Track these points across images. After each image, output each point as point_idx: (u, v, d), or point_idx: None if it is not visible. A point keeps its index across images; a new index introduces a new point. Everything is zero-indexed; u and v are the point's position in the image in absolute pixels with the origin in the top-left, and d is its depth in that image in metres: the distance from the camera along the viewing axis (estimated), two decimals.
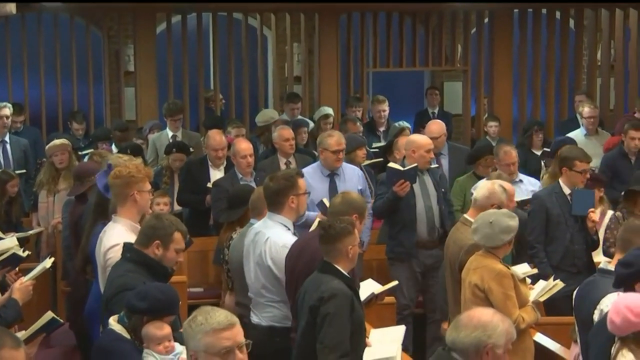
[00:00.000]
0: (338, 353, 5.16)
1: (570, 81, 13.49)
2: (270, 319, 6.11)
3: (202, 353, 3.73)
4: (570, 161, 7.79)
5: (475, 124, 13.27)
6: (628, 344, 4.53)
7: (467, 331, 4.08)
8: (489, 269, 6.13)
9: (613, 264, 5.31)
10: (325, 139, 8.54)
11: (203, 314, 3.80)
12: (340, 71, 12.86)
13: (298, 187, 6.16)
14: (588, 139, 10.79)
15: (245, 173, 8.63)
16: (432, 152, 8.35)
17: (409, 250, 8.14)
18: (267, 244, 6.09)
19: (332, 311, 5.20)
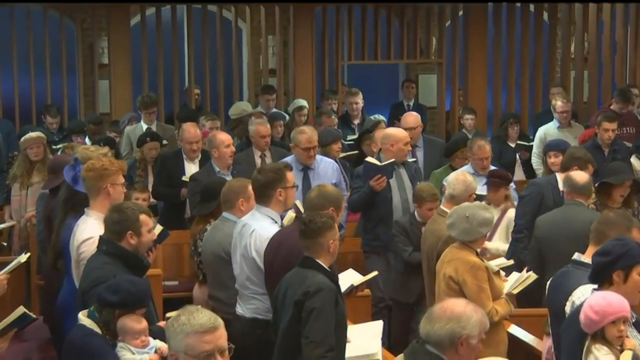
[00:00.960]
0: (324, 348, 5.16)
1: (544, 74, 13.54)
2: (253, 310, 6.11)
3: (182, 354, 3.69)
4: (584, 163, 7.79)
5: (450, 116, 13.30)
6: (598, 340, 4.56)
7: (441, 323, 4.09)
8: (464, 261, 6.16)
9: (587, 255, 5.33)
10: (297, 136, 8.54)
11: (187, 314, 3.75)
12: (315, 64, 12.84)
13: (286, 180, 6.15)
14: (561, 131, 10.83)
15: (225, 165, 8.58)
16: (408, 145, 8.36)
17: (384, 244, 8.16)
18: (253, 236, 6.09)
19: (318, 306, 5.19)
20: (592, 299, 4.60)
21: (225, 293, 6.50)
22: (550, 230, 6.99)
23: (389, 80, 15.16)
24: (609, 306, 4.54)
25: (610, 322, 4.53)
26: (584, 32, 13.62)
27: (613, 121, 9.68)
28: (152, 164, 9.70)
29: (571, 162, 7.86)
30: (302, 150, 8.44)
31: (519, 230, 7.80)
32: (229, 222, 6.61)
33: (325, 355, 5.14)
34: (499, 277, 6.35)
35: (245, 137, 10.17)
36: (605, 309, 4.53)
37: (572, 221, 6.82)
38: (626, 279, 4.79)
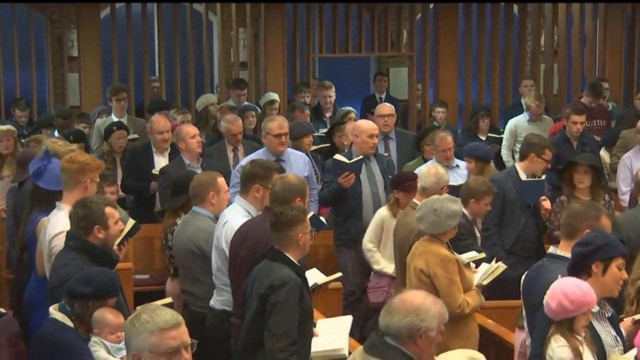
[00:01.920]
0: (286, 341, 5.16)
1: (515, 67, 13.59)
2: (223, 302, 6.11)
3: (146, 352, 3.62)
4: (542, 149, 7.87)
5: (420, 109, 13.33)
6: (562, 329, 4.57)
7: (400, 316, 4.07)
8: (434, 254, 6.18)
9: (561, 248, 5.35)
10: (267, 123, 8.54)
11: (148, 312, 3.70)
12: (286, 57, 12.82)
13: (269, 180, 6.10)
14: (532, 124, 10.88)
15: (194, 157, 8.55)
16: (375, 137, 8.33)
17: (355, 237, 8.17)
18: (224, 227, 6.09)
19: (282, 299, 5.19)
20: (566, 287, 4.58)
21: (198, 287, 6.48)
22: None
23: (361, 73, 15.18)
24: (584, 296, 4.56)
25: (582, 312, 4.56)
26: (554, 26, 13.68)
27: (581, 114, 9.73)
28: (121, 157, 9.66)
29: (528, 150, 7.93)
30: (274, 137, 8.40)
31: (486, 228, 7.83)
32: (199, 215, 6.59)
33: (287, 348, 5.15)
34: (469, 269, 6.38)
35: (217, 131, 10.15)
36: (581, 299, 4.55)
37: None
38: (605, 270, 4.80)
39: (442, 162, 8.58)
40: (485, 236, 7.84)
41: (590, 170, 7.70)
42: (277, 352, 5.15)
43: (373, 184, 8.26)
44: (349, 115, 10.57)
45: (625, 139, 10.08)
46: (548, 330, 4.62)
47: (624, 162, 9.40)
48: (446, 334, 6.02)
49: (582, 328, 4.58)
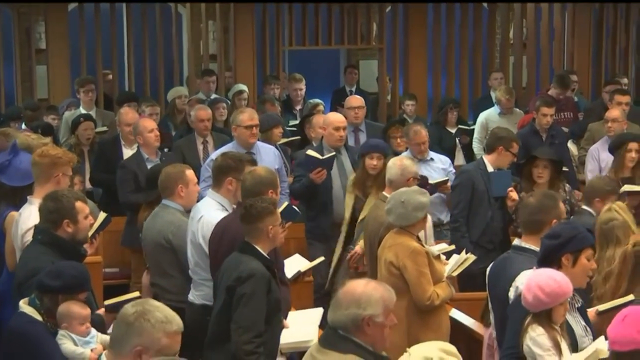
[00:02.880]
0: (252, 334, 5.17)
1: (484, 59, 13.64)
2: (202, 297, 6.11)
3: (153, 352, 3.59)
4: (509, 142, 7.89)
5: (390, 102, 13.34)
6: (540, 319, 4.61)
7: (342, 308, 4.06)
8: (404, 246, 6.19)
9: (526, 241, 5.38)
10: (237, 116, 8.52)
11: (159, 310, 3.66)
12: (256, 49, 12.79)
13: (242, 172, 6.09)
14: (502, 117, 10.94)
15: (152, 151, 8.50)
16: (342, 130, 8.31)
17: (326, 232, 8.18)
18: (200, 222, 6.08)
19: (249, 292, 5.20)
20: (541, 280, 4.60)
21: (167, 280, 6.47)
22: None
23: (330, 66, 15.16)
24: (559, 288, 4.58)
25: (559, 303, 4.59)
26: (523, 18, 13.74)
27: (551, 107, 9.78)
28: (88, 149, 9.62)
29: (496, 143, 7.95)
30: (245, 129, 8.37)
31: (455, 220, 7.87)
32: (168, 209, 6.57)
33: (253, 340, 5.16)
34: (439, 261, 6.39)
35: (186, 124, 10.12)
36: (556, 291, 4.57)
37: None
38: (575, 262, 4.84)
39: (416, 155, 8.59)
40: (453, 228, 7.89)
41: (550, 164, 7.73)
42: (243, 344, 5.16)
43: (344, 177, 8.26)
44: (318, 108, 10.58)
45: (593, 131, 10.14)
46: (523, 321, 4.64)
47: (591, 153, 9.46)
48: (417, 326, 6.12)
49: (560, 318, 4.61)
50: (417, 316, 6.14)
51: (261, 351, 5.18)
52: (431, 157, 8.77)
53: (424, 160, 8.63)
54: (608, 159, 8.52)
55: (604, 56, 13.81)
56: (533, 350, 4.58)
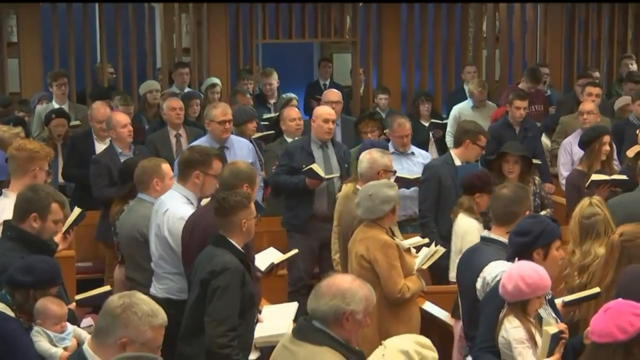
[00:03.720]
0: (225, 327, 5.17)
1: (457, 53, 13.68)
2: (166, 290, 6.09)
3: (138, 344, 3.62)
4: (476, 135, 7.91)
5: (363, 95, 13.36)
6: (515, 311, 4.63)
7: (326, 299, 4.09)
8: (375, 239, 6.20)
9: (495, 232, 5.41)
10: (211, 111, 8.50)
11: (147, 303, 3.69)
12: (229, 43, 12.77)
13: (210, 166, 6.09)
14: (476, 110, 10.97)
15: (125, 144, 8.48)
16: (331, 123, 8.29)
17: (304, 223, 8.18)
18: (166, 215, 6.06)
19: (223, 285, 5.20)
20: (523, 270, 4.63)
21: (141, 274, 6.46)
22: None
23: (304, 59, 15.15)
24: (541, 280, 4.62)
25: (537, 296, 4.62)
26: (496, 12, 13.79)
27: (524, 100, 9.82)
28: (61, 143, 9.57)
29: (463, 136, 7.98)
30: (218, 124, 8.37)
31: (423, 215, 7.89)
32: (144, 202, 6.56)
33: (227, 334, 5.16)
34: (410, 254, 6.41)
35: (159, 118, 10.09)
36: (538, 283, 4.61)
37: None
38: (546, 255, 4.88)
39: (398, 147, 8.60)
40: (421, 224, 7.90)
41: (521, 160, 7.76)
42: (217, 338, 5.17)
43: (329, 171, 8.24)
44: (291, 103, 10.57)
45: (565, 124, 10.20)
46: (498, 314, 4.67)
47: (564, 147, 9.50)
48: (387, 318, 6.14)
49: (534, 311, 4.65)
50: (387, 309, 6.15)
51: (235, 344, 5.19)
52: (412, 151, 8.78)
53: (405, 154, 8.64)
54: (580, 152, 8.56)
55: (576, 50, 13.89)
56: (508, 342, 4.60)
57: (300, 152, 8.21)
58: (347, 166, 8.34)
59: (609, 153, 8.19)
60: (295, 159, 8.18)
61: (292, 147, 8.43)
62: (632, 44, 14.14)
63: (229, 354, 5.18)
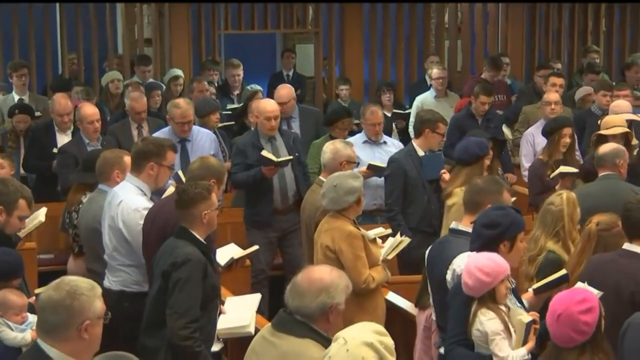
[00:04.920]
0: (187, 319, 5.15)
1: (420, 44, 13.71)
2: (120, 283, 6.07)
3: (96, 319, 3.64)
4: (434, 123, 7.94)
5: (326, 86, 13.36)
6: (486, 303, 4.65)
7: (312, 297, 4.11)
8: (340, 230, 6.21)
9: (464, 223, 5.43)
10: (172, 109, 8.45)
11: (80, 281, 3.69)
12: (192, 33, 12.70)
13: (164, 157, 6.07)
14: (438, 100, 11.02)
15: (91, 138, 8.44)
16: (274, 120, 8.21)
17: (265, 219, 8.16)
18: (120, 206, 6.02)
19: (184, 277, 5.18)
20: (479, 262, 4.66)
21: (102, 265, 6.41)
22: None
23: (267, 50, 15.12)
24: (498, 266, 4.65)
25: (500, 281, 4.64)
26: (457, 3, 13.83)
27: (490, 96, 9.89)
28: (24, 135, 9.50)
29: (422, 126, 8.02)
30: (176, 124, 8.37)
31: (390, 209, 7.90)
32: (104, 194, 6.50)
33: (188, 326, 5.15)
34: (375, 244, 6.42)
35: (121, 108, 10.03)
36: (495, 269, 4.64)
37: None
38: (512, 247, 4.92)
39: (370, 136, 8.60)
40: (389, 217, 7.91)
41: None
42: (179, 330, 5.15)
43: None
44: (257, 96, 10.52)
45: (527, 114, 10.26)
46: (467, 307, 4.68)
47: (526, 137, 9.56)
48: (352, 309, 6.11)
49: (503, 297, 4.67)
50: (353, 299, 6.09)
51: (197, 336, 5.17)
52: (384, 140, 8.79)
53: (378, 143, 8.65)
54: (543, 142, 8.61)
55: (537, 40, 13.96)
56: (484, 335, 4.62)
57: (252, 148, 8.17)
58: (298, 155, 8.32)
59: (571, 143, 8.25)
60: (249, 156, 8.15)
61: (242, 144, 8.38)
62: (593, 35, 14.26)
63: (191, 345, 5.16)
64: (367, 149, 8.62)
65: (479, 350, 4.66)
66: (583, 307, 4.19)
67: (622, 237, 5.36)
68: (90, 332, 3.60)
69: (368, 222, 7.78)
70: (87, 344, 3.60)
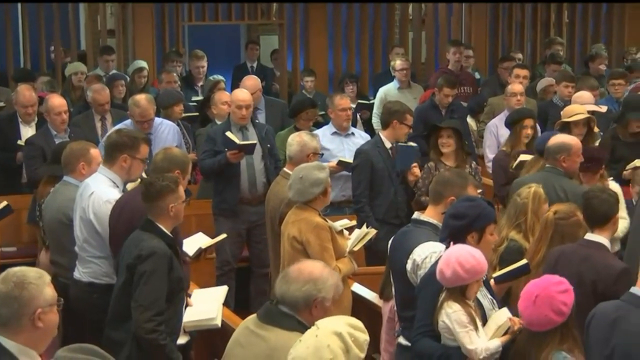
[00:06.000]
0: (152, 312, 5.14)
1: (384, 35, 13.73)
2: (90, 274, 6.05)
3: (47, 307, 3.62)
4: (403, 114, 7.96)
5: (291, 78, 13.34)
6: (454, 295, 4.64)
7: (298, 285, 4.14)
8: (307, 221, 6.22)
9: (427, 214, 5.45)
10: (132, 107, 8.40)
11: (26, 270, 3.67)
12: (155, 25, 12.63)
13: (137, 150, 6.06)
14: (401, 92, 11.04)
15: (59, 130, 8.39)
16: (244, 109, 8.21)
17: (232, 207, 8.15)
18: (91, 198, 6.00)
19: (149, 269, 5.16)
20: (461, 256, 4.62)
21: (67, 258, 6.38)
22: None
23: (231, 42, 15.08)
24: (479, 265, 4.61)
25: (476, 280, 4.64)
26: None
27: (454, 87, 9.93)
28: None
29: (390, 117, 8.05)
30: (136, 122, 8.33)
31: (357, 201, 7.91)
32: (70, 185, 6.48)
33: (153, 319, 5.13)
34: (342, 236, 6.43)
35: (84, 100, 9.97)
36: (475, 267, 4.60)
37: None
38: (480, 239, 4.89)
39: (340, 124, 8.59)
40: (356, 209, 7.92)
41: (454, 134, 7.84)
42: (144, 323, 5.13)
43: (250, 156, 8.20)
44: (219, 86, 10.50)
45: (493, 105, 10.32)
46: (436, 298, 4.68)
47: (489, 129, 9.62)
48: None
49: (473, 295, 4.66)
50: None
51: (162, 329, 5.16)
52: (352, 131, 8.80)
53: (346, 135, 8.66)
54: (506, 134, 8.67)
55: (501, 32, 14.03)
56: (450, 327, 4.62)
57: (222, 136, 8.16)
58: (270, 147, 8.31)
59: (534, 134, 8.30)
60: (218, 143, 8.13)
61: (213, 132, 8.38)
62: (555, 27, 14.35)
63: (156, 338, 5.14)
64: (336, 140, 8.63)
65: (445, 342, 4.67)
66: (561, 288, 4.24)
67: (579, 227, 5.42)
68: (44, 320, 3.60)
69: (337, 214, 7.80)
70: (42, 332, 3.61)
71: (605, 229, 5.28)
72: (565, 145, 6.84)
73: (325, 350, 3.50)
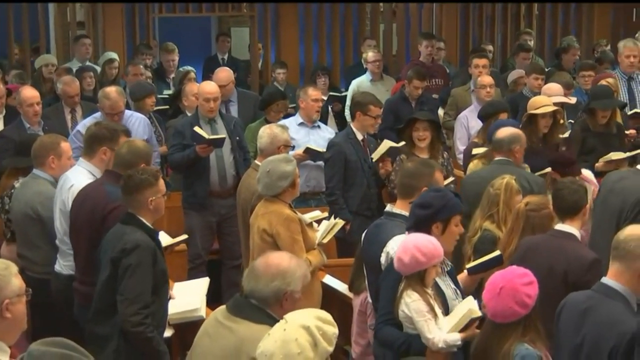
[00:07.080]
0: (138, 305, 5.11)
1: (355, 27, 13.73)
2: (70, 267, 6.03)
3: (16, 297, 3.62)
4: (365, 106, 7.95)
5: (262, 70, 13.32)
6: (413, 284, 4.68)
7: (266, 280, 4.13)
8: (277, 214, 6.21)
9: (398, 206, 5.46)
10: (102, 99, 8.30)
11: None
12: (125, 17, 12.56)
13: (116, 142, 6.05)
14: (374, 84, 11.04)
15: (32, 122, 8.31)
16: (212, 102, 8.16)
17: (202, 201, 8.12)
18: (71, 191, 5.99)
19: (134, 263, 5.13)
20: (419, 241, 4.69)
21: (34, 252, 6.36)
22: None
23: (201, 34, 15.03)
24: (435, 250, 4.69)
25: (433, 265, 4.68)
26: None
27: (424, 80, 9.95)
28: None
29: (354, 109, 8.06)
30: (106, 114, 8.28)
31: (330, 193, 7.90)
32: (38, 179, 6.44)
33: (140, 312, 5.11)
34: (312, 229, 6.44)
35: (53, 93, 9.90)
36: (433, 252, 4.68)
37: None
38: (444, 230, 4.93)
39: (310, 115, 8.58)
40: (330, 201, 7.91)
41: (430, 127, 7.82)
42: (130, 316, 5.11)
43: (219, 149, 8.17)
44: (189, 76, 10.46)
45: (456, 97, 10.32)
46: (397, 287, 4.71)
47: (460, 121, 9.61)
48: None
49: (431, 281, 4.72)
50: None
51: (149, 322, 5.13)
52: (318, 124, 8.79)
53: (312, 127, 8.65)
54: (477, 126, 8.66)
55: (471, 24, 14.07)
56: (409, 316, 4.67)
57: (190, 129, 8.11)
58: (239, 139, 8.29)
59: None
60: (186, 137, 8.10)
61: (181, 125, 8.34)
62: (525, 19, 14.41)
63: (143, 331, 5.12)
64: (302, 131, 8.63)
65: (407, 330, 4.71)
66: (525, 280, 4.26)
67: (550, 219, 5.44)
68: (12, 311, 3.59)
69: (302, 206, 7.77)
70: (11, 323, 3.60)
71: (575, 219, 5.31)
72: (519, 136, 6.88)
73: (293, 344, 3.49)
